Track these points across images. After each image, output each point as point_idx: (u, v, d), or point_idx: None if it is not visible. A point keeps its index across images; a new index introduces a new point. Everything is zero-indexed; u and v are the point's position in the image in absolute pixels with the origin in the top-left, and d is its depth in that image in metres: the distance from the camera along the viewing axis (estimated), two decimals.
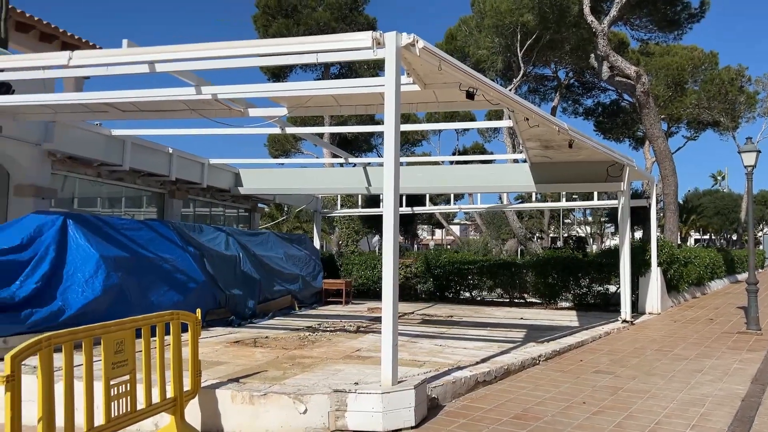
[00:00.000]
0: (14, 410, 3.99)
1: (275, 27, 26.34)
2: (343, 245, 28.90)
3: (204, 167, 14.52)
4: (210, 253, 11.44)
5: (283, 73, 27.85)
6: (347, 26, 27.39)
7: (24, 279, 7.75)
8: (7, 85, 8.48)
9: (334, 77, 28.64)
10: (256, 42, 6.43)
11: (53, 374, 4.27)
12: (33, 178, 10.26)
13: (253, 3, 27.96)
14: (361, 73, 27.47)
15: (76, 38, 14.23)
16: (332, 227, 31.84)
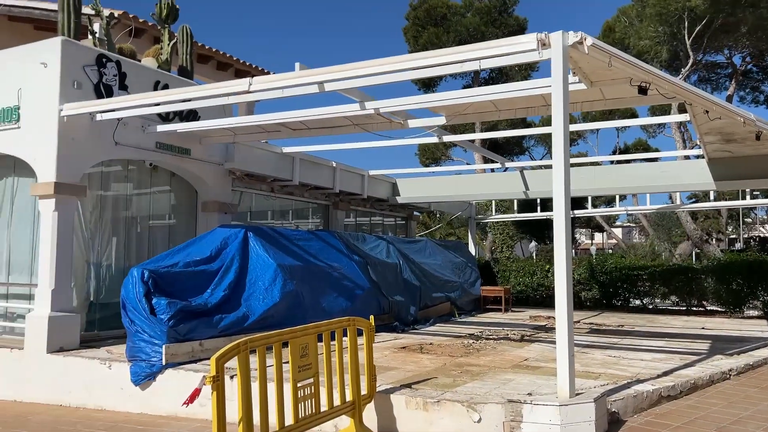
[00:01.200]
0: (220, 408, 4.39)
1: (425, 37, 26.73)
2: (497, 251, 28.50)
3: (364, 179, 15.09)
4: (373, 261, 11.84)
5: (433, 83, 28.16)
6: (497, 29, 27.08)
7: (214, 287, 8.53)
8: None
9: (484, 82, 28.44)
10: (417, 55, 6.55)
11: (250, 375, 4.63)
12: (217, 195, 11.29)
13: (403, 15, 28.66)
14: (512, 76, 26.99)
15: (247, 65, 15.50)
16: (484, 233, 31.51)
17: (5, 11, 13.01)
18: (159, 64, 10.43)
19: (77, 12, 9.33)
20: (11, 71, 9.17)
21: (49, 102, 8.67)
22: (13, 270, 9.71)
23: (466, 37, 26.34)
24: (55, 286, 8.53)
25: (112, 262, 9.98)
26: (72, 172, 8.79)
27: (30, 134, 8.87)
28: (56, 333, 8.37)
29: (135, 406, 7.49)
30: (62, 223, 8.70)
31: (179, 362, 7.45)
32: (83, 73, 8.92)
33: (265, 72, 15.57)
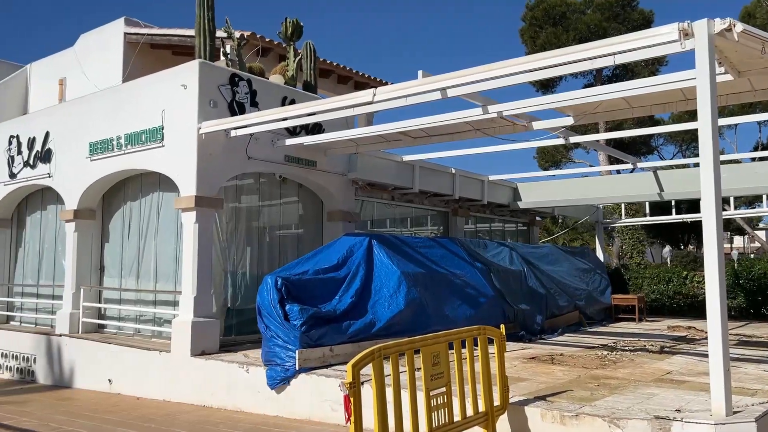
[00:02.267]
0: (357, 414, 4.43)
1: (543, 37, 26.01)
2: (626, 257, 26.99)
3: (484, 184, 14.87)
4: (496, 268, 11.61)
5: (552, 84, 27.30)
6: (620, 25, 25.81)
7: (342, 294, 8.73)
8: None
9: (607, 80, 27.15)
10: (543, 55, 6.33)
11: (384, 382, 4.65)
12: (341, 205, 11.58)
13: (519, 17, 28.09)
14: (637, 72, 25.56)
15: (366, 76, 15.82)
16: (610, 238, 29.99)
17: (148, 39, 14.16)
18: (286, 80, 10.89)
19: (212, 36, 9.96)
20: (155, 94, 9.95)
21: (189, 121, 9.30)
22: (159, 278, 10.51)
23: (587, 35, 25.29)
24: (197, 293, 9.10)
25: (246, 270, 10.52)
26: (210, 186, 9.37)
27: (172, 152, 9.56)
28: (199, 337, 8.93)
29: (271, 408, 7.80)
30: (202, 233, 9.28)
31: (311, 367, 7.66)
32: (218, 93, 9.50)
33: (384, 82, 15.80)
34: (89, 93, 12.37)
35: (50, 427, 7.57)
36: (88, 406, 9.01)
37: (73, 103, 12.09)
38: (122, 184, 11.26)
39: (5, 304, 13.33)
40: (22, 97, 17.23)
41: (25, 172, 12.32)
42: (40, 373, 11.32)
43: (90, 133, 10.94)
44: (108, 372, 10.01)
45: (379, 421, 4.52)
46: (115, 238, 11.39)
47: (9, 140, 12.71)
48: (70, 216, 11.24)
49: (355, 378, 4.44)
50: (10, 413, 8.50)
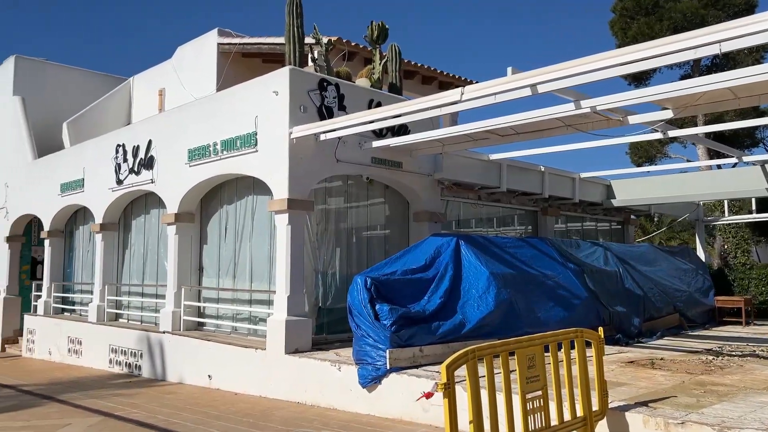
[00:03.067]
0: (452, 416, 4.41)
1: (635, 28, 24.87)
2: (730, 256, 25.37)
3: (575, 182, 14.43)
4: (589, 269, 11.22)
5: (645, 76, 26.06)
6: (719, 11, 24.30)
7: (430, 295, 8.71)
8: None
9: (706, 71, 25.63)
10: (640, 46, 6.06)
11: (479, 384, 4.60)
12: (427, 205, 11.58)
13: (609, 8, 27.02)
14: (740, 60, 23.97)
15: (450, 76, 15.75)
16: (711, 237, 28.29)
17: (239, 48, 14.74)
18: (372, 83, 11.02)
19: (301, 42, 10.23)
20: (249, 101, 10.33)
21: (281, 126, 9.59)
22: (254, 278, 10.90)
23: (682, 24, 23.98)
24: (290, 292, 9.37)
25: (335, 270, 10.72)
26: (301, 188, 9.62)
27: (266, 156, 9.89)
28: (292, 336, 9.19)
29: (363, 407, 7.91)
30: (294, 235, 9.54)
31: (401, 367, 7.70)
32: (308, 98, 9.74)
33: (469, 81, 15.67)
34: (186, 102, 13.03)
35: (157, 419, 8.01)
36: (189, 400, 9.47)
37: (172, 112, 12.76)
38: (219, 188, 11.77)
39: (114, 303, 14.25)
40: (126, 107, 18.41)
41: (131, 179, 13.12)
42: (146, 368, 12.01)
43: (188, 140, 11.50)
44: (207, 368, 10.48)
45: (475, 423, 4.48)
46: (212, 240, 11.92)
47: (116, 149, 13.57)
48: (171, 219, 11.86)
49: (450, 379, 4.42)
50: (121, 405, 9.07)
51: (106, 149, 13.97)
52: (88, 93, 18.44)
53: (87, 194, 14.71)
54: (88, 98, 18.09)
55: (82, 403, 9.34)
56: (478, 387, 4.57)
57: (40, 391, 10.65)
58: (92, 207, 14.56)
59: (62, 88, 18.83)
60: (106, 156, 13.90)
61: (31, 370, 13.78)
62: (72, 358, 14.46)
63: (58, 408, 9.10)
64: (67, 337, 14.73)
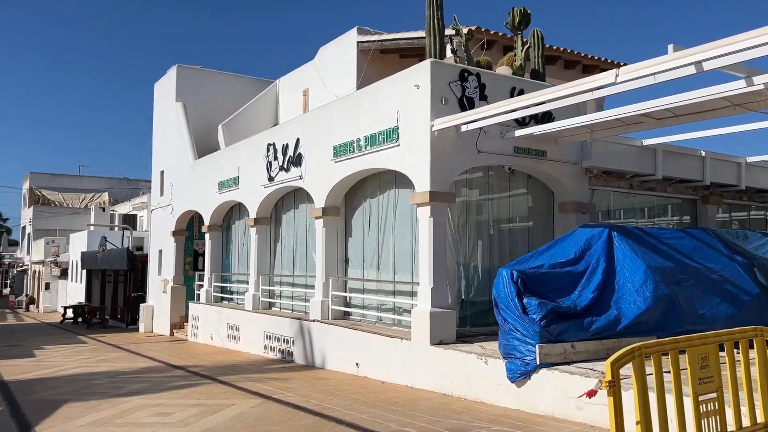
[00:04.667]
0: (618, 416, 4.17)
1: None
2: None
3: (740, 167, 13.15)
4: (760, 263, 10.16)
5: None
6: None
7: (581, 289, 8.34)
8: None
9: None
10: None
11: (647, 383, 4.32)
12: (573, 195, 11.10)
13: None
14: None
15: (595, 59, 14.96)
16: None
17: (378, 46, 15.03)
18: (513, 70, 10.75)
19: (441, 34, 10.21)
20: (390, 96, 10.50)
21: (422, 119, 9.64)
22: (398, 270, 11.09)
23: None
24: (433, 284, 9.42)
25: (477, 263, 10.61)
26: (443, 181, 9.62)
27: (407, 150, 10.00)
28: (436, 327, 9.24)
29: (511, 402, 7.76)
30: (437, 227, 9.57)
31: (552, 363, 7.46)
32: (449, 90, 9.70)
33: (617, 63, 14.79)
34: (328, 101, 13.53)
35: (311, 404, 8.41)
36: (340, 386, 9.84)
37: (318, 110, 13.30)
38: (362, 183, 12.10)
39: (268, 292, 15.17)
40: (274, 108, 19.50)
41: (281, 176, 13.87)
42: (298, 354, 12.68)
43: (333, 137, 11.93)
44: (355, 356, 10.84)
45: (642, 424, 4.21)
46: (357, 233, 12.30)
47: (267, 148, 14.41)
48: (319, 213, 12.38)
49: (615, 376, 4.18)
50: (278, 388, 9.64)
51: (258, 148, 14.88)
52: (240, 96, 19.77)
53: (242, 191, 15.78)
54: (240, 101, 19.39)
55: (243, 385, 10.05)
56: (645, 386, 4.29)
57: (206, 373, 11.61)
58: (247, 203, 15.59)
59: (217, 93, 20.36)
60: (258, 155, 14.80)
61: (196, 353, 15.07)
62: (231, 343, 15.62)
63: (223, 389, 9.86)
64: (226, 324, 15.94)
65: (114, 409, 8.39)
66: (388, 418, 7.37)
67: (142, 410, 8.25)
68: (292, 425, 7.24)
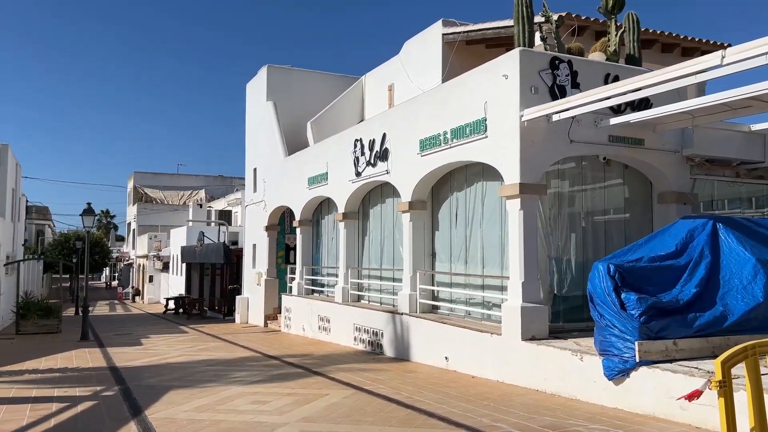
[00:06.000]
0: (729, 418, 3.95)
1: None
2: None
3: None
4: None
5: None
6: None
7: (683, 283, 7.91)
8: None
9: None
10: None
11: (761, 384, 4.05)
12: (673, 185, 10.55)
13: None
14: None
15: (696, 41, 14.11)
16: None
17: (464, 37, 14.86)
18: (607, 56, 10.34)
19: (530, 22, 9.96)
20: (477, 88, 10.36)
21: (511, 110, 9.46)
22: (486, 263, 10.96)
23: None
24: (524, 278, 9.24)
25: (570, 257, 10.31)
26: (533, 172, 9.40)
27: (495, 142, 9.85)
28: (528, 322, 9.06)
29: (608, 400, 7.50)
30: (527, 220, 9.37)
31: (652, 360, 7.14)
32: (539, 78, 9.45)
33: (719, 45, 13.91)
34: (414, 95, 13.53)
35: (402, 396, 8.48)
36: (429, 379, 9.86)
37: (403, 105, 13.34)
38: (449, 176, 12.03)
39: (356, 285, 15.42)
40: (360, 104, 19.75)
41: (368, 171, 14.03)
42: (387, 347, 12.81)
43: (419, 131, 11.93)
44: (443, 350, 10.82)
45: (758, 430, 3.95)
46: (443, 226, 12.25)
47: (354, 143, 14.61)
48: (405, 207, 12.43)
49: (726, 376, 3.96)
50: (369, 380, 9.78)
51: (346, 144, 15.12)
52: (327, 93, 20.15)
53: (330, 186, 16.10)
54: (327, 98, 19.77)
55: (335, 376, 10.27)
56: (760, 387, 4.03)
57: (299, 363, 11.96)
58: (335, 198, 15.89)
59: (306, 91, 20.85)
60: (346, 150, 15.04)
61: (289, 344, 15.55)
62: (322, 334, 16.01)
63: (316, 379, 10.12)
64: (317, 316, 16.34)
65: (215, 396, 8.81)
66: (479, 413, 7.31)
67: (241, 398, 8.61)
68: (384, 416, 7.33)
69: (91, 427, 7.16)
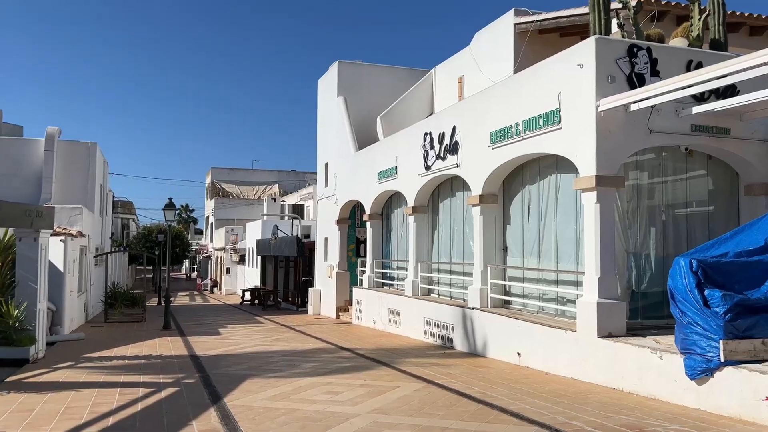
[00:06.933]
0: None
1: None
2: None
3: None
4: None
5: None
6: None
7: None
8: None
9: None
10: None
11: None
12: (762, 176, 9.96)
13: None
14: None
15: None
16: None
17: (536, 26, 14.55)
18: (690, 42, 9.87)
19: (606, 8, 9.63)
20: (550, 78, 10.12)
21: (586, 100, 9.19)
22: (560, 258, 10.72)
23: None
24: (600, 274, 8.98)
25: (650, 252, 9.94)
26: (610, 164, 9.10)
27: (570, 133, 9.59)
28: (604, 319, 8.81)
29: (690, 400, 7.21)
30: (604, 214, 9.10)
31: (739, 360, 6.80)
32: (616, 67, 9.13)
33: None
34: (485, 87, 13.36)
35: (473, 391, 8.44)
36: (501, 375, 9.77)
37: (474, 97, 13.20)
38: (520, 169, 11.83)
39: (426, 279, 15.44)
40: (429, 97, 19.72)
41: (437, 164, 13.98)
42: (457, 341, 12.76)
43: (490, 124, 11.77)
44: (515, 345, 10.68)
45: None
46: (515, 220, 12.07)
47: (423, 137, 14.60)
48: (476, 201, 12.32)
49: None
50: (439, 374, 9.79)
51: (415, 138, 15.12)
52: (397, 87, 20.21)
53: (400, 180, 16.16)
54: (396, 92, 19.83)
55: (406, 368, 10.34)
56: None
57: (371, 355, 12.10)
58: (405, 191, 15.94)
59: (375, 86, 20.99)
60: (415, 144, 15.05)
61: (360, 336, 15.76)
62: (392, 327, 16.13)
63: (387, 372, 10.22)
64: (387, 309, 16.48)
65: (289, 385, 9.05)
66: (553, 410, 7.18)
67: (314, 388, 8.81)
68: (456, 411, 7.32)
69: (174, 413, 7.51)
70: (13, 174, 20.59)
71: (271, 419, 7.02)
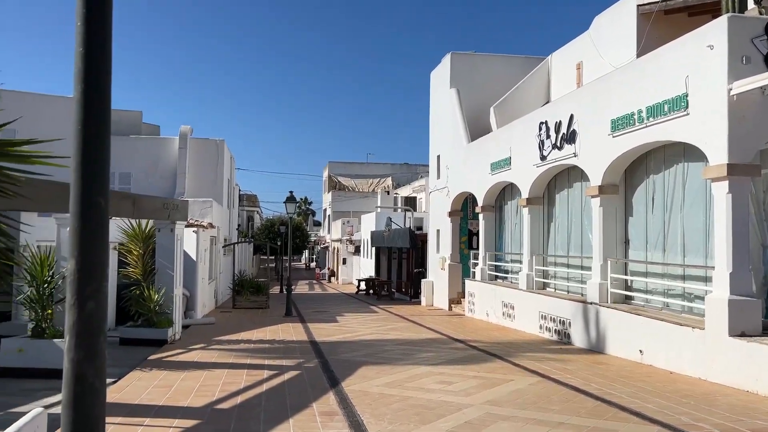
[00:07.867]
0: None
1: None
2: None
3: None
4: None
5: None
6: None
7: None
8: None
9: None
10: None
11: None
12: None
13: None
14: None
15: None
16: None
17: (662, 6, 13.72)
18: None
19: None
20: (676, 61, 9.54)
21: (716, 83, 8.59)
22: (687, 252, 10.11)
23: None
24: (732, 269, 8.40)
25: None
26: (744, 151, 8.47)
27: (698, 119, 9.01)
28: (737, 317, 8.23)
29: None
30: (736, 204, 8.49)
31: None
32: (751, 47, 8.46)
33: None
34: (605, 72, 12.80)
35: (591, 387, 8.20)
36: (621, 372, 9.40)
37: (593, 84, 12.71)
38: (643, 158, 11.26)
39: (542, 272, 15.10)
40: (545, 85, 19.17)
41: (554, 154, 13.62)
42: (575, 336, 12.40)
43: (610, 111, 11.29)
44: (637, 342, 10.23)
45: None
46: (638, 212, 11.51)
47: (539, 126, 14.25)
48: (595, 192, 11.88)
49: None
50: (555, 369, 9.59)
51: (530, 128, 14.80)
52: (511, 77, 19.84)
53: (513, 171, 15.89)
54: (510, 82, 19.47)
55: (520, 362, 10.23)
56: None
57: (484, 348, 12.07)
58: (519, 183, 15.67)
59: (488, 76, 20.73)
60: (530, 134, 14.73)
61: (473, 328, 15.73)
62: (506, 320, 15.95)
63: (501, 365, 10.16)
64: (501, 302, 16.31)
65: (403, 373, 9.26)
66: (678, 411, 6.84)
67: (428, 377, 8.95)
68: (572, 406, 7.17)
69: (296, 394, 7.95)
70: (152, 170, 22.48)
71: (386, 405, 7.24)
